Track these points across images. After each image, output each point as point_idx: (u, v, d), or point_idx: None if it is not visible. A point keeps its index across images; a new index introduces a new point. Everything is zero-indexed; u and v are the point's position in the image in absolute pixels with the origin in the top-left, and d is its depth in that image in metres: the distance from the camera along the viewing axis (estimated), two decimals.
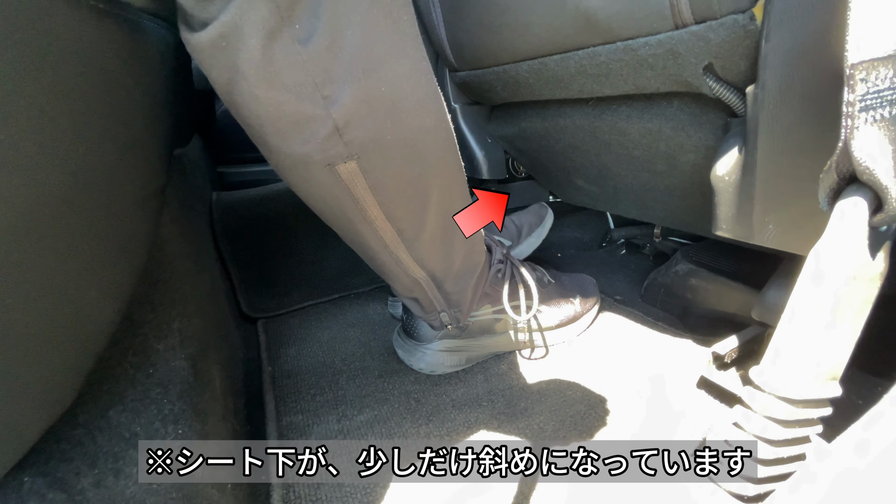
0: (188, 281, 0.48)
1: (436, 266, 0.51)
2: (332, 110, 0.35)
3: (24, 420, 0.27)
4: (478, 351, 0.62)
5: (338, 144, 0.37)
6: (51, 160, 0.24)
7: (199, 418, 0.40)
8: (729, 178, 0.47)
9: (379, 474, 0.45)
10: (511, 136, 0.84)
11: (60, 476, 0.30)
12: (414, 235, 0.46)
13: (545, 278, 0.67)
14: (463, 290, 0.55)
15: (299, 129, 0.36)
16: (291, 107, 0.35)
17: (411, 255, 0.48)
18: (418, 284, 0.52)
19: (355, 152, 0.38)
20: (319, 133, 0.36)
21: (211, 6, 0.31)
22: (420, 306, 0.56)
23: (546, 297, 0.64)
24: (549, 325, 0.65)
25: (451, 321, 0.58)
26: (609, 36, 0.50)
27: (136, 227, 0.32)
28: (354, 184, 0.40)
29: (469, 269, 0.55)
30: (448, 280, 0.53)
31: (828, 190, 0.30)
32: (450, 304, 0.56)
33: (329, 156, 0.38)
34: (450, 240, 0.50)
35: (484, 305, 0.59)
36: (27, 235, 0.23)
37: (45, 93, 0.23)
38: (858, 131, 0.25)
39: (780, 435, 0.31)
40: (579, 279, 0.74)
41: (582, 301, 0.69)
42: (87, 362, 0.30)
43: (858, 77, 0.25)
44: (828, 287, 0.29)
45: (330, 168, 0.38)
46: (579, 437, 0.48)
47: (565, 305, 0.66)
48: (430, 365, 0.60)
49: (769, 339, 0.53)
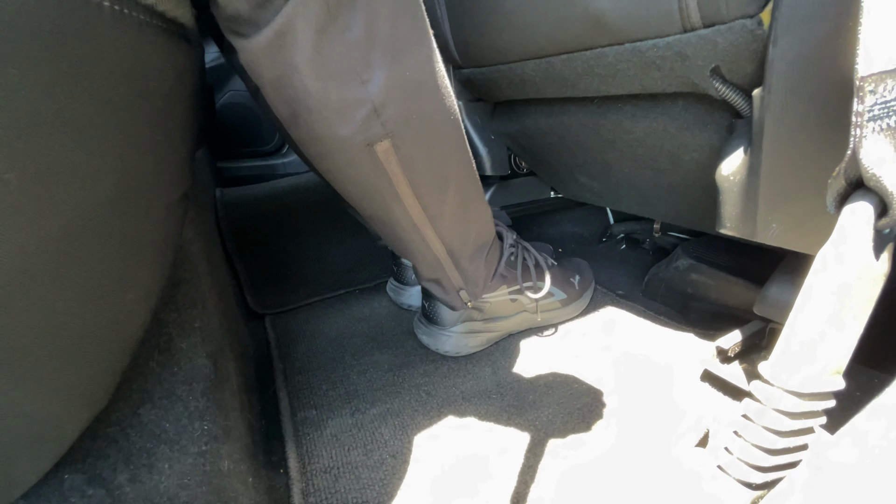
0: (206, 280, 0.49)
1: (454, 242, 0.56)
2: (371, 93, 0.40)
3: (66, 419, 0.28)
4: (497, 331, 0.66)
5: (375, 124, 0.41)
6: (98, 169, 0.24)
7: (222, 414, 0.41)
8: (734, 177, 0.48)
9: (395, 466, 0.47)
10: (514, 132, 0.84)
11: (98, 473, 0.31)
12: (438, 212, 0.52)
13: (549, 260, 0.72)
14: (477, 266, 0.61)
15: (343, 113, 0.40)
16: (336, 93, 0.39)
17: (435, 231, 0.53)
18: (439, 263, 0.57)
19: (390, 130, 0.42)
20: (360, 114, 0.41)
21: (267, 10, 0.34)
22: (441, 287, 0.61)
23: (552, 277, 0.69)
24: (556, 304, 0.70)
25: (469, 297, 0.62)
26: (617, 37, 0.51)
27: (168, 230, 0.33)
28: (389, 161, 0.45)
29: (481, 245, 0.61)
30: (465, 256, 0.58)
31: (836, 194, 0.31)
32: (467, 281, 0.61)
33: (369, 136, 0.42)
34: (465, 216, 0.55)
35: (500, 287, 0.64)
36: (76, 242, 0.24)
37: (93, 103, 0.24)
38: (867, 140, 0.27)
39: (787, 426, 0.33)
40: (574, 262, 0.80)
41: (581, 281, 0.75)
42: (122, 362, 0.31)
43: (868, 89, 0.26)
44: (835, 287, 0.30)
45: (369, 147, 0.43)
46: (587, 429, 0.50)
47: (568, 285, 0.72)
48: (456, 347, 0.63)
49: (771, 334, 0.55)
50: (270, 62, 0.37)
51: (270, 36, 0.35)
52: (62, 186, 0.23)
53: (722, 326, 0.59)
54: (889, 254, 0.30)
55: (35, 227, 0.22)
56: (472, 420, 0.52)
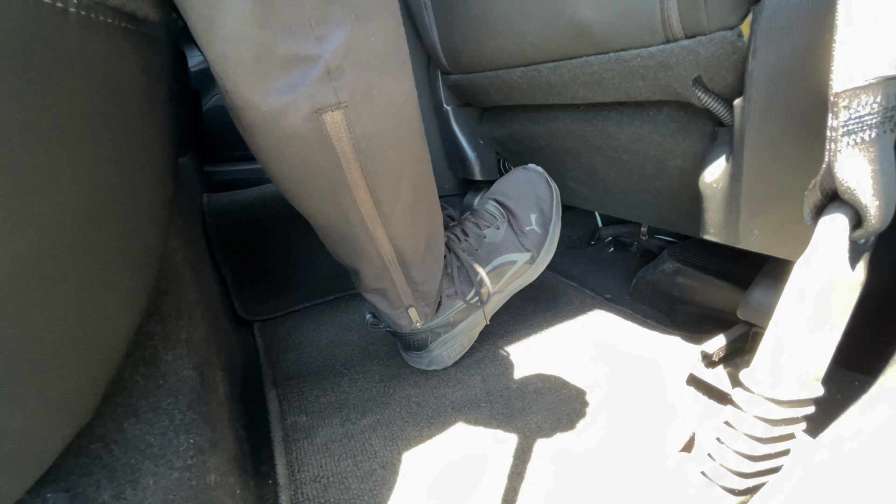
0: (192, 289, 0.48)
1: (405, 245, 0.50)
2: (326, 50, 0.35)
3: (47, 435, 0.28)
4: (475, 328, 0.63)
5: (326, 89, 0.36)
6: (71, 178, 0.24)
7: (209, 426, 0.41)
8: (716, 185, 0.49)
9: (385, 477, 0.47)
10: (503, 138, 0.85)
11: (81, 490, 0.30)
12: (390, 209, 0.46)
13: (487, 229, 0.63)
14: (430, 279, 0.55)
15: (288, 71, 0.35)
16: (283, 47, 0.34)
17: (386, 231, 0.47)
18: (387, 270, 0.51)
19: (344, 100, 0.37)
20: (309, 74, 0.35)
21: None
22: (387, 300, 0.55)
23: (498, 249, 0.62)
24: (522, 268, 0.64)
25: (419, 318, 0.56)
26: (602, 47, 0.51)
27: (150, 238, 0.33)
28: (339, 137, 0.39)
29: (434, 256, 0.54)
30: (415, 264, 0.52)
31: (812, 206, 0.32)
32: (416, 297, 0.55)
33: (316, 101, 0.36)
34: (417, 217, 0.50)
35: (456, 303, 0.59)
36: (52, 252, 0.24)
37: (63, 112, 0.23)
38: (841, 154, 0.27)
39: (769, 433, 0.34)
40: (526, 184, 0.67)
41: (539, 219, 0.65)
42: (105, 375, 0.31)
43: (842, 104, 0.27)
44: (812, 297, 0.31)
45: (316, 115, 0.37)
46: (576, 434, 0.50)
47: (525, 239, 0.63)
48: (441, 362, 0.62)
49: (754, 338, 0.56)
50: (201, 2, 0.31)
51: None
52: (34, 198, 0.22)
53: (708, 329, 0.60)
54: (864, 263, 0.31)
55: (7, 241, 0.22)
56: (462, 429, 0.52)
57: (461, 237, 0.61)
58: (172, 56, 0.40)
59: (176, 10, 0.34)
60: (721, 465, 0.37)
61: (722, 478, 0.36)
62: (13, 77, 0.21)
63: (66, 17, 0.24)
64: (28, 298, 0.24)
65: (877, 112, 0.27)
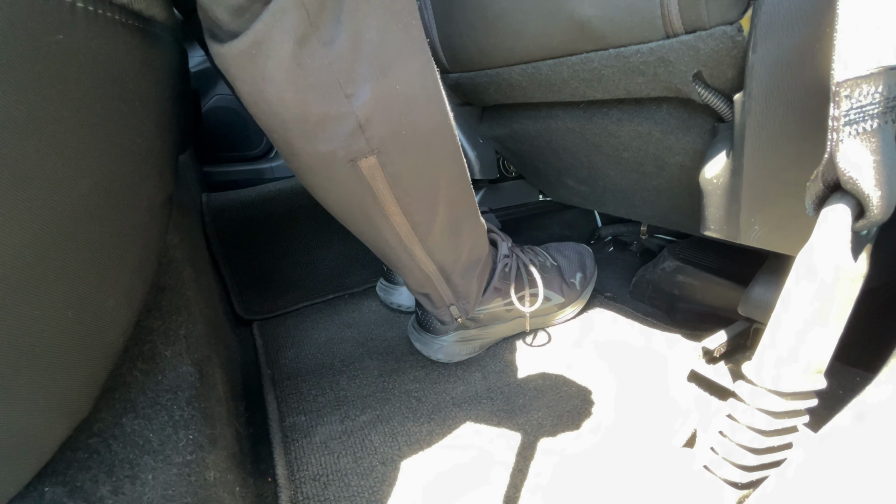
0: (191, 286, 0.48)
1: (445, 259, 0.54)
2: (355, 108, 0.38)
3: (45, 429, 0.28)
4: (489, 338, 0.66)
5: (360, 140, 0.40)
6: (74, 172, 0.24)
7: (208, 423, 0.40)
8: (717, 180, 0.49)
9: (385, 474, 0.46)
10: (502, 136, 0.85)
11: (80, 485, 0.30)
12: (427, 230, 0.49)
13: (548, 262, 0.71)
14: (469, 282, 0.59)
15: (324, 128, 0.38)
16: (317, 107, 0.37)
17: (424, 248, 0.51)
18: (429, 279, 0.55)
19: (375, 147, 0.40)
20: (343, 130, 0.39)
21: (244, 17, 0.32)
22: (431, 301, 0.59)
23: (549, 282, 0.68)
24: (553, 307, 0.69)
25: (460, 314, 0.60)
26: (602, 43, 0.51)
27: (150, 235, 0.33)
28: (374, 178, 0.43)
29: (474, 261, 0.58)
30: (456, 273, 0.56)
31: (814, 197, 0.32)
32: (458, 297, 0.59)
33: (352, 151, 0.40)
34: (457, 233, 0.53)
35: (494, 300, 0.63)
36: (53, 247, 0.24)
37: (67, 107, 0.23)
38: (843, 144, 0.27)
39: (771, 426, 0.34)
40: (577, 253, 0.77)
41: (583, 278, 0.73)
42: (104, 371, 0.31)
43: (843, 94, 0.27)
44: (814, 288, 0.31)
45: (353, 164, 0.41)
46: (577, 431, 0.50)
47: (567, 287, 0.71)
48: (448, 355, 0.63)
49: (755, 334, 0.56)
50: (244, 72, 0.35)
51: (246, 43, 0.33)
52: (36, 191, 0.22)
53: (708, 327, 0.60)
54: (867, 254, 0.31)
55: (8, 234, 0.21)
56: (463, 425, 0.52)
57: (530, 252, 0.69)
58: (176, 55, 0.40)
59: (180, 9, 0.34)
60: (724, 458, 0.37)
61: (725, 471, 0.36)
62: (19, 70, 0.21)
63: (73, 12, 0.24)
64: (28, 292, 0.24)
65: (878, 102, 0.27)
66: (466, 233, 0.54)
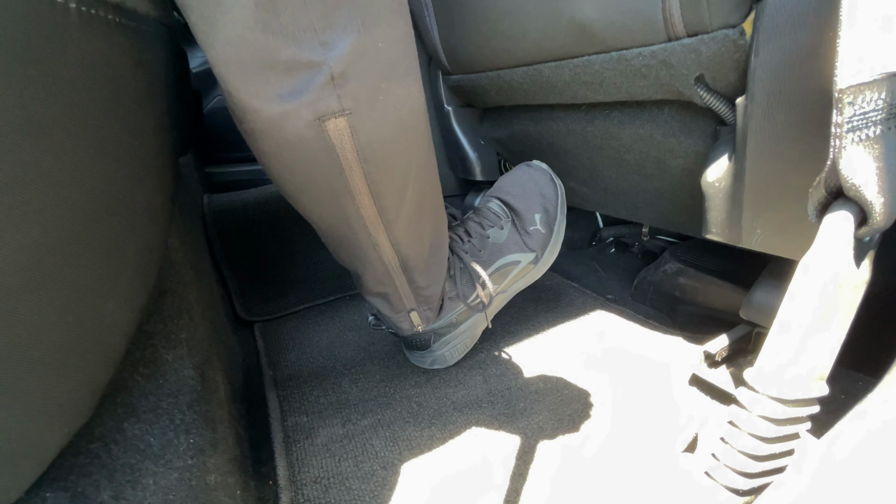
0: (193, 289, 0.48)
1: (409, 251, 0.49)
2: (330, 57, 0.34)
3: (46, 434, 0.28)
4: (477, 328, 0.64)
5: (331, 96, 0.35)
6: (72, 176, 0.24)
7: (209, 426, 0.41)
8: (719, 184, 0.49)
9: (386, 478, 0.46)
10: (503, 138, 0.85)
11: (81, 490, 0.30)
12: (395, 217, 0.45)
13: (498, 225, 0.62)
14: (433, 283, 0.54)
15: (291, 77, 0.34)
16: (286, 52, 0.33)
17: (389, 238, 0.47)
18: (389, 276, 0.51)
19: (347, 107, 0.36)
20: (312, 81, 0.34)
21: None
22: (389, 304, 0.54)
23: (507, 248, 0.61)
24: (526, 268, 0.63)
25: (421, 321, 0.56)
26: (603, 46, 0.51)
27: (150, 237, 0.33)
28: (343, 145, 0.38)
29: (437, 261, 0.54)
30: (419, 269, 0.52)
31: (816, 204, 0.32)
32: (419, 301, 0.55)
33: (319, 108, 0.36)
34: (421, 224, 0.49)
35: (458, 305, 0.59)
36: (52, 250, 0.24)
37: (63, 108, 0.23)
38: (846, 150, 0.27)
39: (773, 432, 0.33)
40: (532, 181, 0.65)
41: (545, 218, 0.64)
42: (105, 375, 0.31)
43: (846, 101, 0.27)
44: (817, 295, 0.30)
45: (319, 123, 0.36)
46: (578, 435, 0.50)
47: (529, 239, 0.63)
48: (443, 361, 0.62)
49: (757, 338, 0.55)
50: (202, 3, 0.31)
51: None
52: (32, 195, 0.22)
53: (710, 329, 0.60)
54: (869, 261, 0.31)
55: (6, 238, 0.21)
56: (464, 430, 0.52)
57: (464, 238, 0.61)
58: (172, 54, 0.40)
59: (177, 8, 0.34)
60: (725, 465, 0.36)
61: (726, 478, 0.36)
62: (14, 73, 0.21)
63: (67, 13, 0.23)
64: (27, 296, 0.23)
65: (882, 108, 0.26)
66: (429, 226, 0.50)
